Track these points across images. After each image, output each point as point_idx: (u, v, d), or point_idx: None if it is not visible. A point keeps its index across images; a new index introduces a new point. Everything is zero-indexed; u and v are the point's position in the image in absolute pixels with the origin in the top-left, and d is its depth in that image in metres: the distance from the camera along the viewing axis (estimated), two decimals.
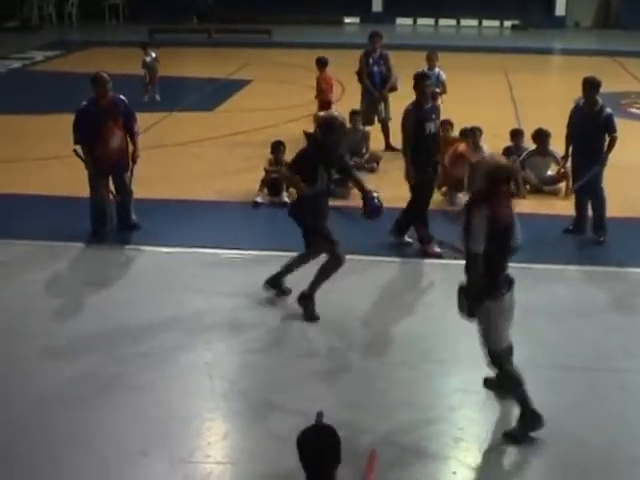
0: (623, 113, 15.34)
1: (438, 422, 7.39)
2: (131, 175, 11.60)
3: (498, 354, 6.98)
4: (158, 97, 19.88)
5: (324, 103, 15.90)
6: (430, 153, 10.91)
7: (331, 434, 4.48)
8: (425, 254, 10.91)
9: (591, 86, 11.20)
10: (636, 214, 12.48)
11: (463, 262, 6.94)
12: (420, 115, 10.80)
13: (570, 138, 11.52)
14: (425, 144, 10.82)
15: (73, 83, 19.53)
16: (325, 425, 4.53)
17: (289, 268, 9.50)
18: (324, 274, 9.15)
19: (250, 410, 7.56)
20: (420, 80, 11.02)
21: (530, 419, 7.03)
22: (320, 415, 4.49)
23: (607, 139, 11.21)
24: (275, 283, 9.56)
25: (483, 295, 6.79)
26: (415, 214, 11.08)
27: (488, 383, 7.72)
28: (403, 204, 11.12)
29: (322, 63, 16.52)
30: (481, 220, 6.61)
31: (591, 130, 11.15)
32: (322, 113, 9.56)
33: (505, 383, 7.23)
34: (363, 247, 10.83)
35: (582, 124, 11.26)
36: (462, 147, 13.13)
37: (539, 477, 6.77)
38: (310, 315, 9.13)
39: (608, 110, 11.28)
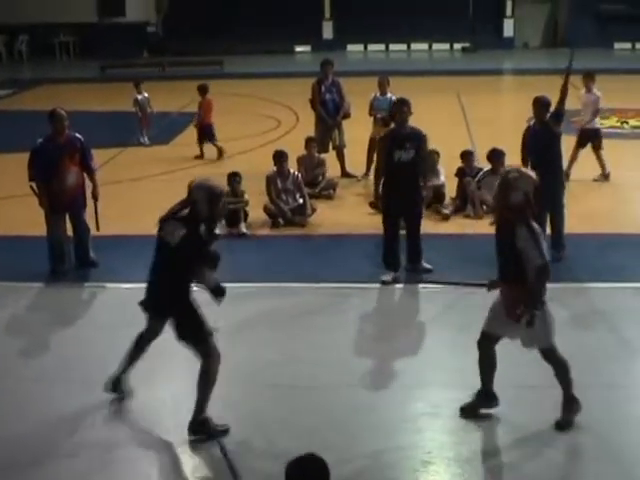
0: (575, 130, 15.50)
1: (406, 447, 7.37)
2: (96, 212, 11.52)
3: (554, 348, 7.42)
4: (146, 139, 19.34)
5: (205, 125, 17.68)
6: (397, 181, 10.73)
7: (320, 464, 4.46)
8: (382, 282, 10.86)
9: (541, 105, 11.34)
10: (592, 229, 12.60)
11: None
12: (391, 142, 10.82)
13: (525, 159, 11.59)
14: (391, 171, 10.78)
15: (25, 121, 19.46)
16: (312, 454, 4.51)
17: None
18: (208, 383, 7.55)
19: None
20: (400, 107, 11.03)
21: (575, 403, 7.52)
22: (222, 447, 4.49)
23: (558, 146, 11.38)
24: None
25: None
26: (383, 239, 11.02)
27: (464, 412, 7.73)
28: (363, 230, 11.10)
29: (204, 90, 18.05)
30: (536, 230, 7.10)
31: (544, 145, 11.27)
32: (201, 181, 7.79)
33: (560, 371, 7.53)
34: (326, 276, 10.84)
35: (535, 142, 11.36)
36: None
37: None
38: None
39: (559, 129, 11.41)
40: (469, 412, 7.68)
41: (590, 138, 15.26)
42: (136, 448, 7.52)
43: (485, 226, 12.73)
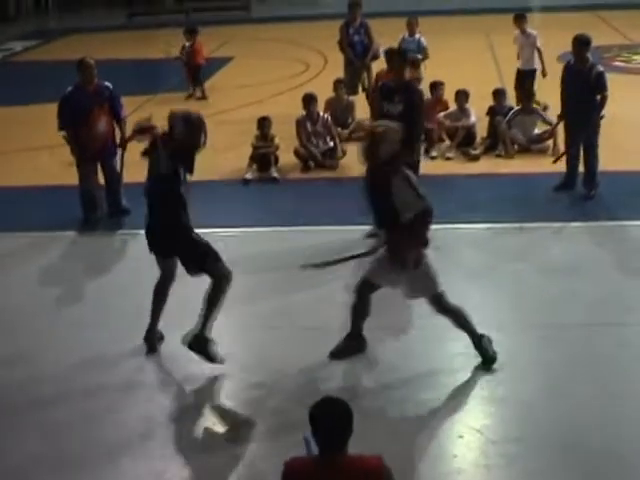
0: (607, 67, 15.22)
1: (441, 386, 7.42)
2: (122, 162, 11.56)
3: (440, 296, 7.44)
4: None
5: (195, 66, 18.29)
6: None
7: (344, 405, 4.54)
8: None
9: (581, 43, 11.18)
10: (624, 167, 12.49)
11: None
12: (379, 94, 10.71)
13: (564, 97, 11.49)
14: None
15: (54, 72, 19.46)
16: (336, 397, 4.61)
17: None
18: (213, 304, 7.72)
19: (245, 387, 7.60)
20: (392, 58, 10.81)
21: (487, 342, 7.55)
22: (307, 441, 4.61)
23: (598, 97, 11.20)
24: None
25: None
26: None
27: (334, 355, 7.76)
28: None
29: (193, 32, 18.65)
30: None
31: (582, 88, 11.11)
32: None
33: (454, 319, 7.57)
34: (358, 218, 10.83)
35: (573, 82, 11.24)
36: None
37: (539, 431, 6.78)
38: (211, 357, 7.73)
39: (599, 68, 11.27)
40: (338, 355, 7.74)
41: (526, 78, 14.84)
42: (160, 389, 7.69)
43: (516, 165, 12.72)
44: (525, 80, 14.81)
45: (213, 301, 7.63)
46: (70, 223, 11.42)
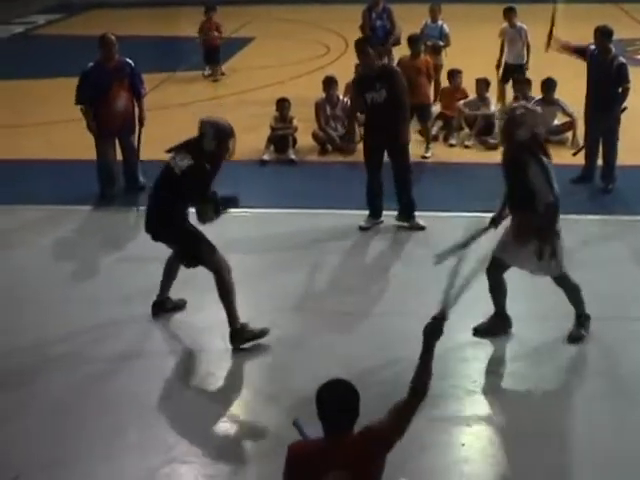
0: (629, 60, 15.15)
1: (450, 376, 7.42)
2: (139, 138, 11.58)
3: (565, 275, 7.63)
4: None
5: (211, 46, 18.30)
6: (376, 122, 10.27)
7: (350, 387, 4.53)
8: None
9: (603, 34, 11.10)
10: None
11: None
12: (360, 85, 10.51)
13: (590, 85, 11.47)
14: (368, 114, 10.52)
15: (76, 46, 19.47)
16: (342, 379, 4.59)
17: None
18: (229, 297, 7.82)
19: (256, 373, 7.63)
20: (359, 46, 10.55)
21: (586, 319, 7.76)
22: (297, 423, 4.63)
23: (620, 89, 11.14)
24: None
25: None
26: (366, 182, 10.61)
27: (478, 332, 7.90)
28: (412, 157, 10.92)
29: (208, 10, 18.56)
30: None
31: (603, 79, 11.06)
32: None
33: (571, 294, 7.74)
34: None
35: (595, 72, 11.20)
36: None
37: (548, 422, 6.79)
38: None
39: (621, 59, 11.21)
40: (483, 333, 7.87)
41: (514, 73, 14.57)
42: (167, 358, 7.82)
43: None
44: (513, 74, 14.56)
45: (225, 295, 7.74)
46: (87, 198, 11.47)
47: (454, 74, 14.26)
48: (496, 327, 7.89)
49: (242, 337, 7.75)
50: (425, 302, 8.40)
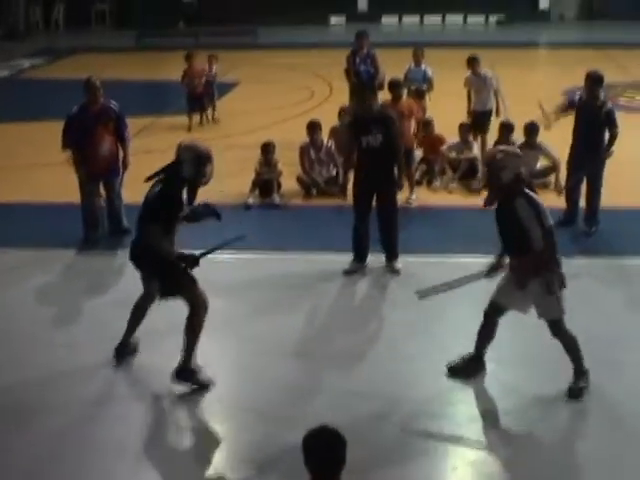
0: (620, 108, 15.35)
1: (437, 418, 7.42)
2: (121, 182, 11.62)
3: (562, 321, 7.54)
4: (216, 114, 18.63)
5: (194, 94, 17.89)
6: (368, 168, 10.29)
7: (337, 435, 4.54)
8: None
9: (593, 80, 11.23)
10: (625, 204, 12.51)
11: None
12: (355, 128, 10.47)
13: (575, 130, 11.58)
14: (361, 158, 10.41)
15: (61, 90, 19.54)
16: (330, 427, 4.59)
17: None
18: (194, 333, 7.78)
19: (241, 413, 7.60)
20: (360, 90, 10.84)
21: (586, 376, 7.62)
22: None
23: (607, 134, 11.25)
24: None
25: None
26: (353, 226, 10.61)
27: (452, 372, 7.93)
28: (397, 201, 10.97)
29: (188, 57, 18.24)
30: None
31: (592, 124, 11.19)
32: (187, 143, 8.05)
33: (569, 346, 7.62)
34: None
35: (584, 117, 11.31)
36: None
37: (536, 462, 6.79)
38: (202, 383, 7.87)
39: (609, 105, 11.35)
40: (455, 372, 7.90)
41: (483, 121, 14.60)
42: (146, 401, 7.81)
43: None
44: (485, 121, 14.63)
45: (193, 330, 7.69)
46: (71, 241, 11.44)
47: (426, 125, 14.29)
48: (471, 369, 7.90)
49: (187, 377, 7.69)
50: (415, 344, 8.55)
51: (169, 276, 7.79)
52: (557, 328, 7.53)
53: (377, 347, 8.68)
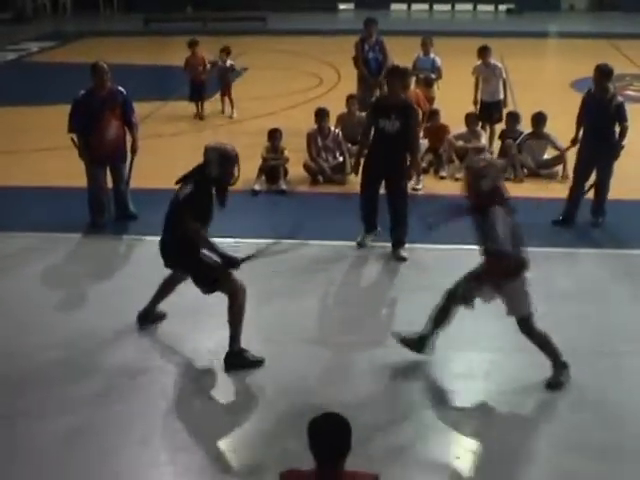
0: (620, 96, 15.28)
1: (440, 406, 7.43)
2: (131, 167, 11.62)
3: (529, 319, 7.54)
4: (234, 112, 17.78)
5: (196, 82, 17.57)
6: (380, 150, 10.43)
7: (342, 421, 4.55)
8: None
9: (602, 73, 11.13)
10: (633, 196, 12.49)
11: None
12: (375, 110, 10.62)
13: (580, 123, 11.50)
14: (375, 139, 10.55)
15: (68, 74, 19.54)
16: (335, 413, 4.60)
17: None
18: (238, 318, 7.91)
19: (252, 398, 7.60)
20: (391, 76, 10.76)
21: (565, 368, 7.63)
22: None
23: (618, 128, 11.17)
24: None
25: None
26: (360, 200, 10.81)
27: (402, 340, 8.00)
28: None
29: (191, 43, 17.95)
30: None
31: (602, 117, 11.10)
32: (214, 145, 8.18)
33: (538, 343, 7.63)
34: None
35: (593, 111, 11.22)
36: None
37: (539, 454, 6.79)
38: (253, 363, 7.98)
39: (619, 98, 11.26)
40: (405, 342, 7.96)
41: (491, 111, 14.65)
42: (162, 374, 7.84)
43: (525, 189, 12.72)
44: (492, 111, 14.64)
45: (236, 316, 7.81)
46: (77, 226, 11.43)
47: (432, 115, 14.29)
48: (415, 343, 7.93)
49: (237, 361, 7.83)
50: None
51: (205, 277, 7.90)
52: (526, 326, 7.54)
53: (380, 334, 8.66)
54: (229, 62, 17.80)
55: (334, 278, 10.09)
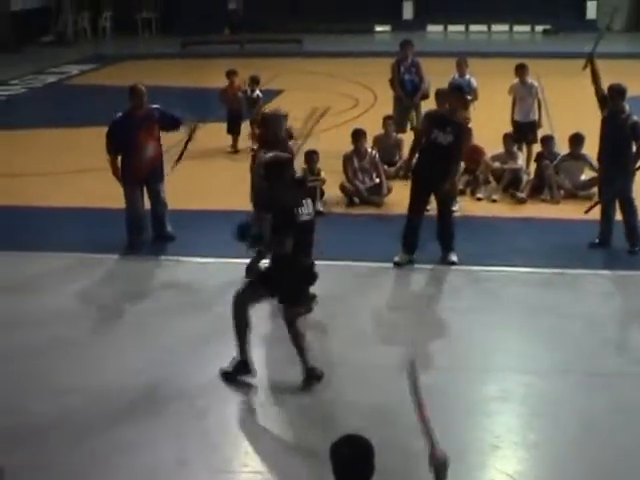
0: None
1: (474, 430, 7.39)
2: (181, 155, 12.06)
3: None
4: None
5: (234, 113, 16.86)
6: (430, 160, 10.64)
7: (365, 444, 4.49)
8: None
9: (616, 93, 11.06)
10: None
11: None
12: (431, 120, 10.86)
13: (601, 149, 11.38)
14: (426, 149, 10.78)
15: (108, 96, 19.69)
16: (358, 435, 4.55)
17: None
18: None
19: (288, 419, 7.61)
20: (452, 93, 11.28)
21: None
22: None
23: (634, 147, 11.05)
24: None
25: None
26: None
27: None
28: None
29: (230, 73, 17.21)
30: None
31: (618, 137, 10.99)
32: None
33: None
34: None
35: (609, 131, 11.12)
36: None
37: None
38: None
39: (634, 118, 11.14)
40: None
41: (526, 132, 14.47)
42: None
43: (562, 211, 12.68)
44: (527, 132, 14.48)
45: (298, 337, 7.97)
46: (115, 246, 11.51)
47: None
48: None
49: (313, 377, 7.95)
50: (436, 356, 8.55)
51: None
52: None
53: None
54: (257, 92, 16.99)
55: (371, 299, 10.06)
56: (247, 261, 9.54)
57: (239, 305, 7.92)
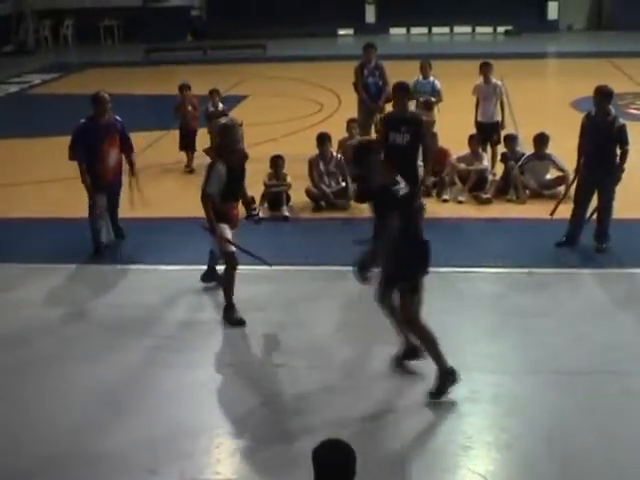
0: (622, 115, 15.25)
1: (446, 431, 7.38)
2: (138, 189, 11.87)
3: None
4: None
5: (188, 130, 16.05)
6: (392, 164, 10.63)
7: (346, 448, 4.52)
8: None
9: (603, 95, 10.96)
10: (635, 216, 12.44)
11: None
12: (386, 124, 11.04)
13: (581, 149, 11.28)
14: (386, 154, 10.44)
15: (70, 105, 19.56)
16: (339, 440, 4.58)
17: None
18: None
19: (259, 427, 7.57)
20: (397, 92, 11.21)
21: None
22: None
23: (619, 151, 11.01)
24: None
25: None
26: None
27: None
28: None
29: (182, 87, 16.25)
30: None
31: (603, 140, 10.91)
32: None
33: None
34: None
35: (594, 134, 11.01)
36: None
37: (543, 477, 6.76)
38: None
39: (621, 121, 11.06)
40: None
41: (490, 132, 14.45)
42: None
43: (528, 210, 12.73)
44: (491, 133, 14.45)
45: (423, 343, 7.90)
46: (80, 254, 11.44)
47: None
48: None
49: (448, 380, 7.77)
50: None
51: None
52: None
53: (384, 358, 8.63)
54: (221, 105, 16.18)
55: (340, 303, 10.05)
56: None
57: (411, 315, 7.86)
